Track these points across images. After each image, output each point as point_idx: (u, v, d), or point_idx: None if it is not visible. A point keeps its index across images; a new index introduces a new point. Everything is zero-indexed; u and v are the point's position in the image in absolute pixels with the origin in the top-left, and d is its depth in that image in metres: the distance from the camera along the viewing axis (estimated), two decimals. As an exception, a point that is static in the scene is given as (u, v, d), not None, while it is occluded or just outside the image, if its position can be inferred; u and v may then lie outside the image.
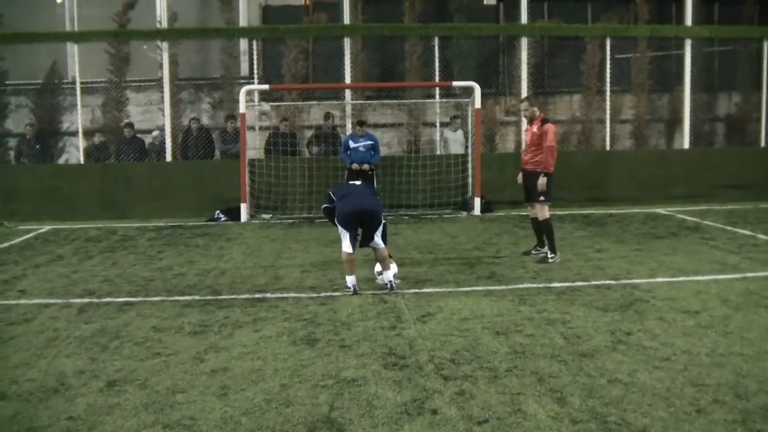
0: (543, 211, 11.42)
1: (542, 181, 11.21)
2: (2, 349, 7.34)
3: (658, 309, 8.32)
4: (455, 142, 17.91)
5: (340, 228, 9.43)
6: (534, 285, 9.62)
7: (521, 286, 9.60)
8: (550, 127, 11.24)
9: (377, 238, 9.41)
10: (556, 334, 7.39)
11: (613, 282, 9.71)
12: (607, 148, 18.83)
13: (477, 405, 5.63)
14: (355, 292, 9.26)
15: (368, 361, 6.68)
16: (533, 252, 11.68)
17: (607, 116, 18.71)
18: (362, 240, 9.41)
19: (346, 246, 9.28)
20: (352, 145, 16.00)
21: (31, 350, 7.25)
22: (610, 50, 18.58)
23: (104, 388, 6.19)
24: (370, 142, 16.11)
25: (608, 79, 18.58)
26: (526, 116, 11.98)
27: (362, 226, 9.37)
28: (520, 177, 11.80)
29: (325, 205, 9.80)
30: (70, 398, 5.97)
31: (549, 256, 11.20)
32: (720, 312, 8.18)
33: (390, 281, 9.47)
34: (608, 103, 18.67)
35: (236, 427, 5.34)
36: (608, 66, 18.54)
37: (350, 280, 9.38)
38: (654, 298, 8.82)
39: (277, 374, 6.40)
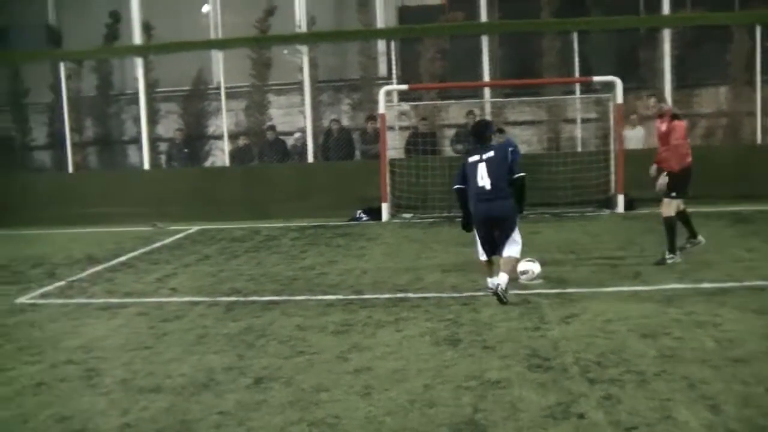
0: (668, 208, 10.76)
1: (662, 181, 10.64)
2: (157, 344, 7.64)
3: (819, 312, 7.85)
4: (633, 139, 17.57)
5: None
6: (681, 285, 9.24)
7: (668, 286, 9.23)
8: (678, 124, 10.63)
9: (508, 246, 8.85)
10: (706, 338, 7.07)
11: (766, 283, 9.22)
12: (758, 141, 17.93)
13: (624, 410, 5.44)
14: (495, 293, 8.56)
15: (512, 363, 6.57)
16: (687, 245, 10.95)
17: (758, 108, 17.81)
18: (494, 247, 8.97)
19: (479, 252, 9.11)
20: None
21: (183, 346, 7.52)
22: (761, 38, 17.67)
23: (251, 384, 6.33)
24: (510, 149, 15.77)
25: (758, 69, 17.68)
26: (654, 113, 11.35)
27: (494, 230, 8.93)
28: (653, 169, 11.08)
29: (456, 186, 9.14)
30: (219, 393, 6.14)
31: (667, 256, 10.62)
32: None
33: (499, 284, 8.59)
34: (759, 94, 17.76)
35: (380, 427, 5.35)
36: (758, 55, 17.65)
37: (491, 281, 8.91)
38: (814, 300, 8.33)
39: (420, 374, 6.39)
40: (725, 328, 7.37)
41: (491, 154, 8.85)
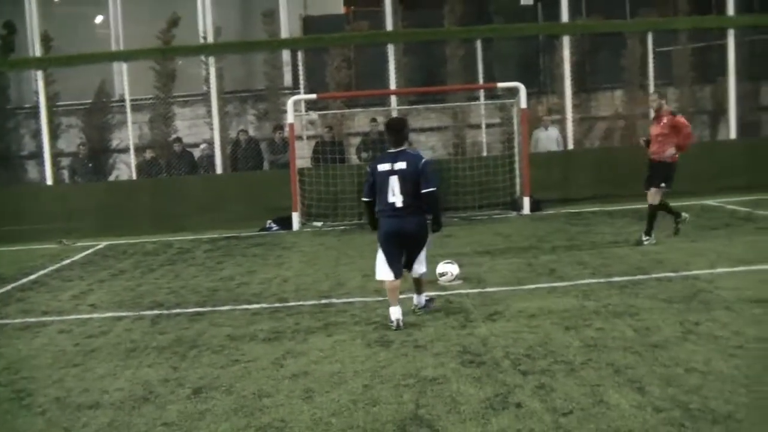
0: (654, 197, 12.18)
1: (670, 153, 11.98)
2: (86, 360, 7.58)
3: (723, 299, 8.34)
4: (548, 140, 18.18)
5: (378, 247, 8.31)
6: (595, 280, 9.68)
7: (582, 281, 9.66)
8: (682, 118, 11.99)
9: (417, 263, 8.33)
10: (625, 327, 7.47)
11: (673, 274, 9.74)
12: (653, 141, 18.75)
13: (559, 397, 5.74)
14: (398, 328, 7.91)
15: (445, 360, 6.81)
16: (679, 226, 12.45)
17: (651, 111, 18.59)
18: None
19: (383, 271, 8.21)
20: None
21: (114, 361, 7.48)
22: (652, 44, 18.53)
23: (191, 395, 6.38)
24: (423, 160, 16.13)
25: (651, 74, 18.53)
26: (653, 108, 12.61)
27: (404, 248, 8.24)
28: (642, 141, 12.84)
29: (365, 199, 8.38)
30: (160, 405, 6.17)
31: (644, 238, 11.98)
32: (788, 300, 8.21)
33: (422, 303, 8.62)
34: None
35: (327, 428, 5.49)
36: (651, 60, 18.50)
37: (394, 311, 8.06)
38: (717, 288, 8.84)
39: (357, 376, 6.55)
40: (641, 317, 7.80)
41: (403, 165, 7.96)
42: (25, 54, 19.15)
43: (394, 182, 7.97)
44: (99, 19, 20.96)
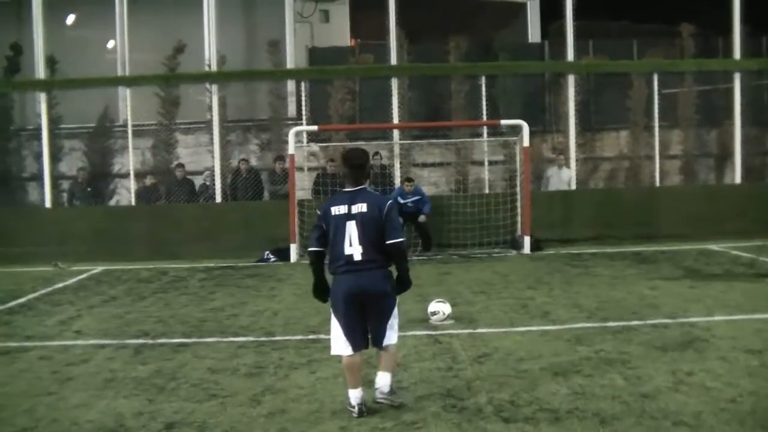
0: None
1: None
2: (62, 389, 7.39)
3: (718, 348, 8.13)
4: (560, 180, 18.15)
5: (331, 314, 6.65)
6: (590, 324, 9.47)
7: (576, 325, 9.45)
8: None
9: (388, 333, 6.56)
10: (615, 375, 7.26)
11: (669, 320, 9.53)
12: (657, 184, 18.63)
13: (540, 448, 5.54)
14: (361, 414, 6.35)
15: (427, 403, 6.60)
16: None
17: (656, 152, 18.53)
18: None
19: (339, 345, 6.54)
20: (400, 201, 15.87)
21: (90, 391, 7.30)
22: (658, 85, 18.45)
23: (162, 430, 6.20)
24: (418, 197, 16.31)
25: (656, 115, 18.43)
26: None
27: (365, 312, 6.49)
28: None
29: (312, 249, 6.66)
30: (130, 441, 5.99)
31: None
32: (784, 352, 7.99)
33: (387, 387, 6.58)
34: (657, 138, 18.51)
35: (297, 471, 5.30)
36: (656, 101, 18.40)
37: (354, 395, 6.47)
38: (713, 336, 8.63)
39: (335, 416, 6.36)
40: (633, 364, 7.58)
41: (363, 208, 6.39)
42: (30, 76, 19.11)
43: (351, 228, 6.36)
44: (111, 44, 20.96)
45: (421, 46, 19.82)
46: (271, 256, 16.56)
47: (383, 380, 6.56)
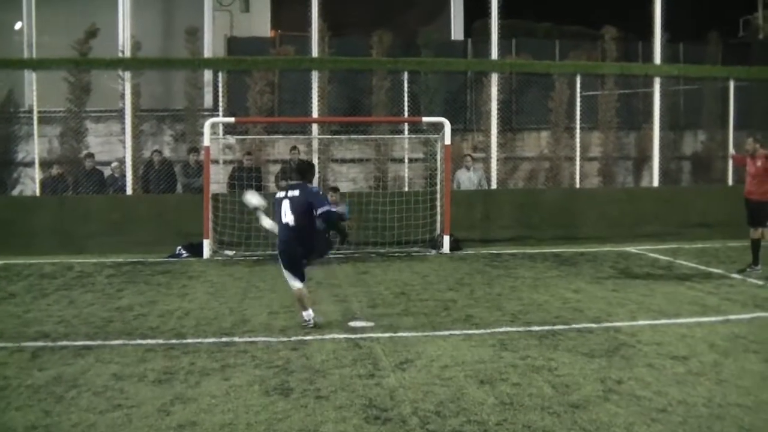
0: (757, 233, 13.32)
1: None
2: (-53, 399, 6.75)
3: (645, 354, 7.98)
4: (469, 182, 17.90)
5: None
6: (513, 329, 9.22)
7: (500, 329, 9.19)
8: None
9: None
10: (543, 383, 7.00)
11: (594, 325, 9.36)
12: (577, 185, 18.64)
13: (469, 465, 5.20)
14: (315, 325, 9.27)
15: (348, 414, 6.21)
16: (748, 269, 13.14)
17: (577, 153, 18.53)
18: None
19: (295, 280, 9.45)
20: None
21: (-22, 401, 6.68)
22: (580, 87, 18.45)
23: (59, 445, 5.65)
24: (342, 212, 14.63)
25: (578, 117, 18.43)
26: (748, 151, 13.55)
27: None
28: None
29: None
30: (21, 458, 5.43)
31: (756, 268, 13.08)
32: (709, 358, 7.88)
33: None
34: (578, 140, 18.51)
35: (207, 493, 4.84)
36: (578, 103, 18.40)
37: (306, 314, 9.36)
38: (639, 342, 8.48)
39: (250, 429, 5.92)
40: (560, 372, 7.35)
41: (296, 193, 9.36)
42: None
43: (286, 205, 9.31)
44: (18, 25, 19.96)
45: (343, 39, 19.41)
46: (184, 252, 15.92)
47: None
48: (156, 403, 6.56)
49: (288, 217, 9.25)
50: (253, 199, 10.12)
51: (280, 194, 9.50)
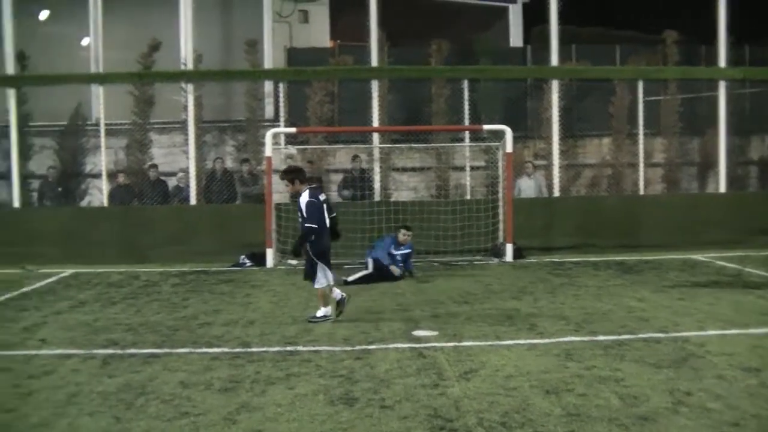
0: None
1: None
2: (21, 405, 6.88)
3: (715, 365, 7.79)
4: (527, 189, 17.83)
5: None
6: (578, 338, 9.10)
7: (565, 339, 9.07)
8: None
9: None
10: (610, 394, 6.88)
11: (661, 335, 9.19)
12: (641, 192, 18.36)
13: (537, 477, 5.14)
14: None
15: (413, 425, 6.18)
16: None
17: (641, 159, 18.26)
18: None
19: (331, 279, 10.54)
20: (393, 251, 14.22)
21: (52, 408, 6.79)
22: (642, 93, 18.19)
23: (130, 452, 5.74)
24: (408, 251, 14.46)
25: (641, 122, 18.15)
26: None
27: None
28: None
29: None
30: (93, 464, 5.52)
31: None
32: (782, 370, 7.66)
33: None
34: (641, 146, 18.24)
35: (276, 502, 4.87)
36: (641, 109, 18.13)
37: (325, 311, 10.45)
38: (708, 353, 8.28)
39: (316, 438, 5.94)
40: (627, 383, 7.21)
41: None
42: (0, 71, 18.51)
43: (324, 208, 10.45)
44: (85, 41, 20.44)
45: (401, 48, 19.46)
46: (247, 261, 16.08)
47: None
48: (222, 411, 6.61)
49: (327, 219, 10.34)
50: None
51: (321, 197, 10.45)
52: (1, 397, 7.12)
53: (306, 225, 10.14)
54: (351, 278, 13.60)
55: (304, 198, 10.22)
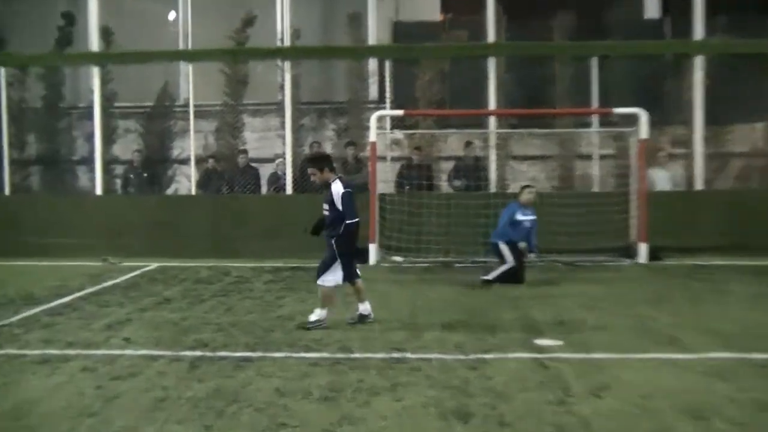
0: None
1: None
2: (105, 409, 7.03)
3: None
4: (661, 180, 17.49)
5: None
6: (728, 355, 8.74)
7: (711, 355, 8.74)
8: None
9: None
10: (771, 422, 6.59)
11: (833, 355, 8.78)
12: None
13: None
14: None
15: (537, 446, 6.06)
16: None
17: None
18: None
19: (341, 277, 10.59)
20: (519, 217, 13.90)
21: (137, 413, 6.92)
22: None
23: (222, 465, 5.78)
24: (533, 218, 14.13)
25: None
26: None
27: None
28: None
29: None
30: (182, 477, 5.59)
31: None
32: None
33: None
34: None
35: None
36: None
37: (363, 308, 10.75)
38: None
39: (426, 457, 5.87)
40: (792, 411, 6.89)
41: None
42: (83, 48, 19.10)
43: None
44: (172, 15, 20.90)
45: (520, 22, 19.15)
46: (347, 258, 16.14)
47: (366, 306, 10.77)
48: (322, 422, 6.61)
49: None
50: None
51: (348, 188, 10.30)
52: (84, 399, 7.30)
53: (347, 222, 10.15)
54: (491, 276, 13.42)
55: (338, 188, 10.19)
